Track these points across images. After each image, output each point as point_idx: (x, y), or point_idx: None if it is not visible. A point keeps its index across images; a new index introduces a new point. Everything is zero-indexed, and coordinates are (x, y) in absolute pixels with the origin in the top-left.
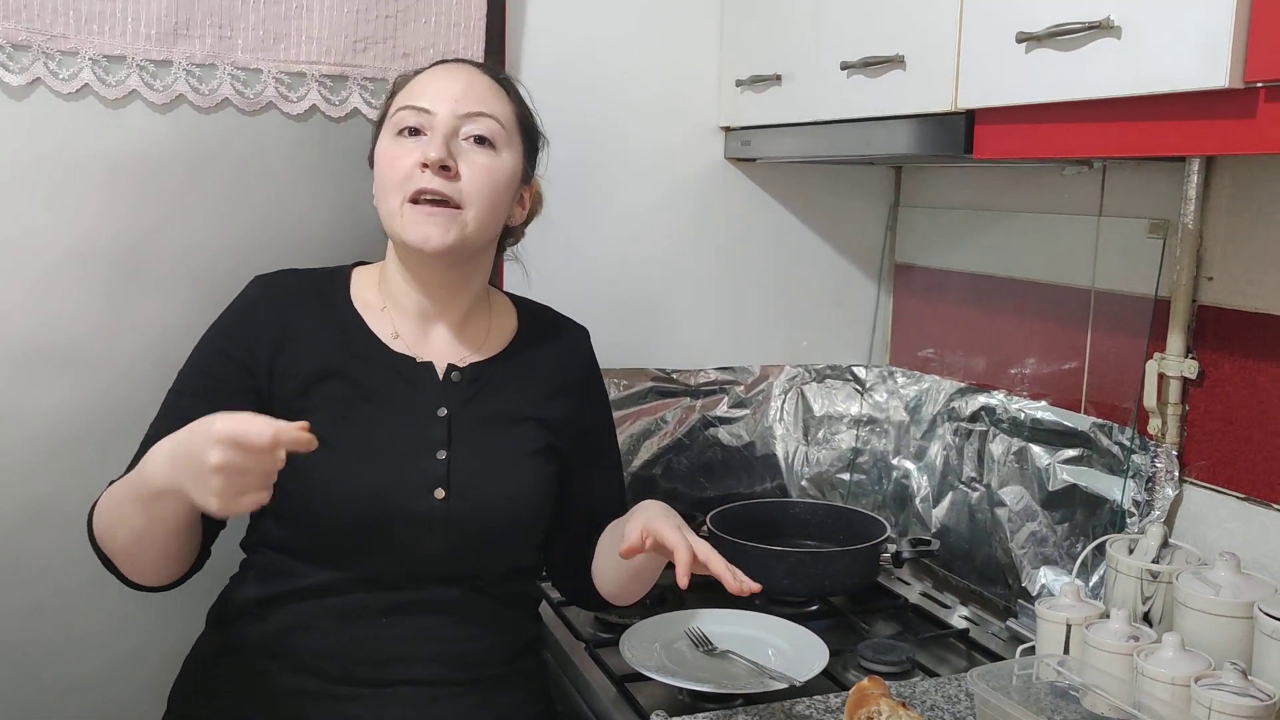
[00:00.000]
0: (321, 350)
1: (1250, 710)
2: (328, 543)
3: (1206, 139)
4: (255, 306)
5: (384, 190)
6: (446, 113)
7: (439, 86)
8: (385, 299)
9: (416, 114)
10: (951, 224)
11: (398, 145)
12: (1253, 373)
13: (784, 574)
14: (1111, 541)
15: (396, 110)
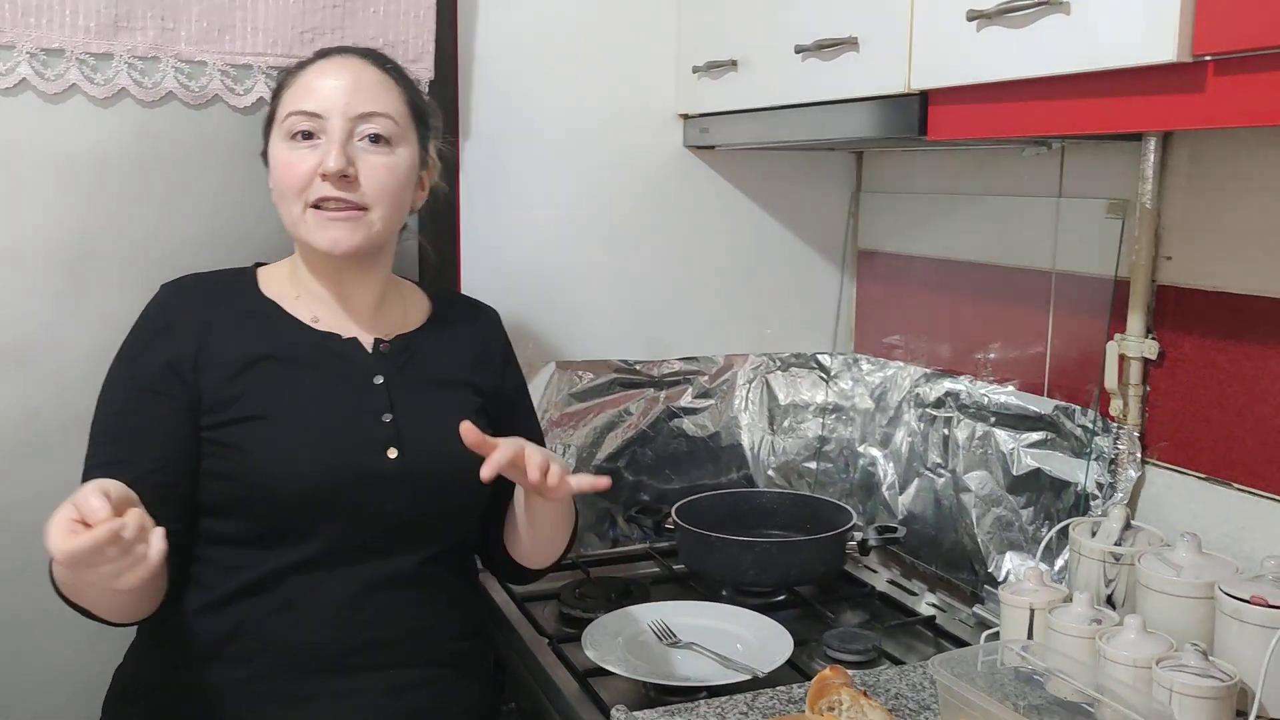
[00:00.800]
0: (244, 338)
1: (1211, 691)
2: (287, 522)
3: (1158, 114)
4: (169, 308)
5: (283, 196)
6: (339, 117)
7: (327, 86)
8: (298, 290)
9: (308, 119)
10: (914, 209)
11: (292, 151)
12: (1212, 352)
13: (750, 564)
14: (1075, 525)
15: (287, 115)
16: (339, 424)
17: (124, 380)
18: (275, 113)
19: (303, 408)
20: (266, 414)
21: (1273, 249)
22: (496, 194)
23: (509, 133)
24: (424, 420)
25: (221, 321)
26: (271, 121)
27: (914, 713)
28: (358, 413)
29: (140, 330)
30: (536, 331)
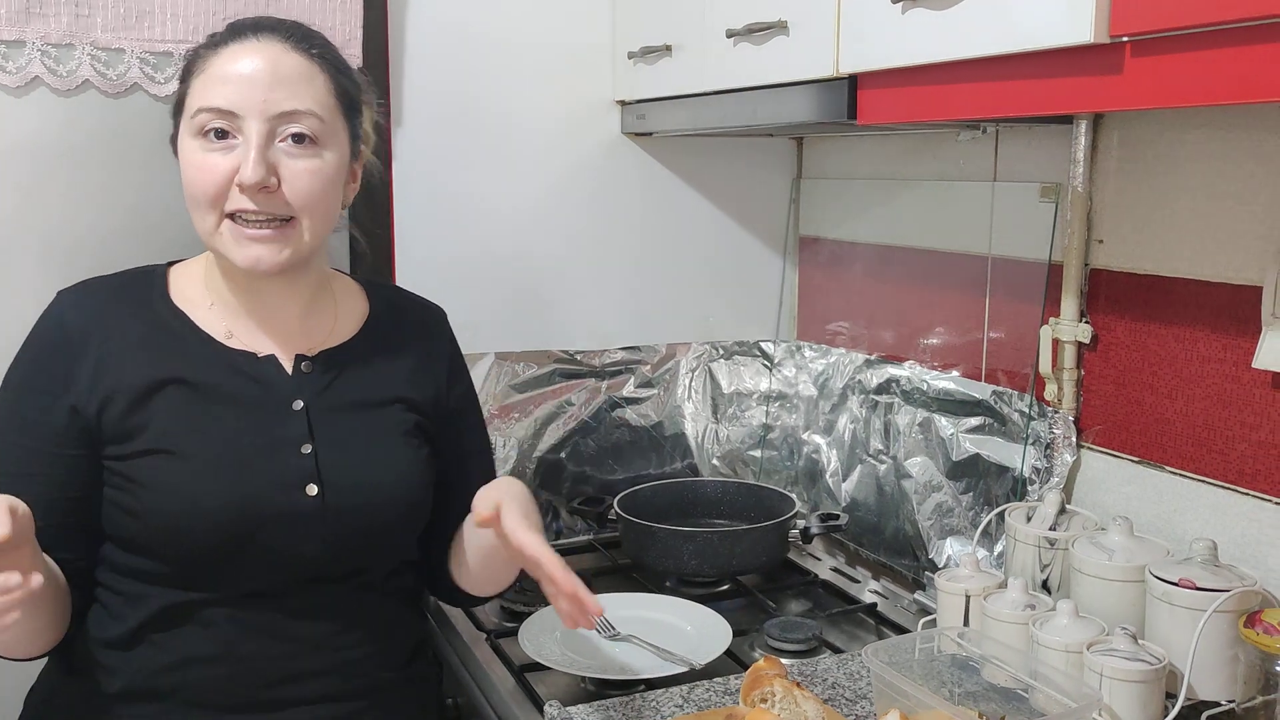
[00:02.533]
0: (148, 359)
1: (1140, 674)
2: (194, 562)
3: (1080, 96)
4: (65, 326)
5: (196, 204)
6: (257, 118)
7: (243, 78)
8: (211, 295)
9: (220, 117)
10: (854, 195)
11: (204, 153)
12: (1143, 335)
13: (692, 554)
14: (1011, 510)
15: (197, 111)
16: (251, 458)
17: (14, 406)
18: (184, 100)
19: (211, 440)
20: (172, 447)
21: (1200, 232)
22: (431, 182)
23: (443, 120)
24: (348, 450)
25: (123, 340)
26: (180, 109)
27: (850, 702)
28: (273, 444)
29: (33, 349)
30: (474, 322)
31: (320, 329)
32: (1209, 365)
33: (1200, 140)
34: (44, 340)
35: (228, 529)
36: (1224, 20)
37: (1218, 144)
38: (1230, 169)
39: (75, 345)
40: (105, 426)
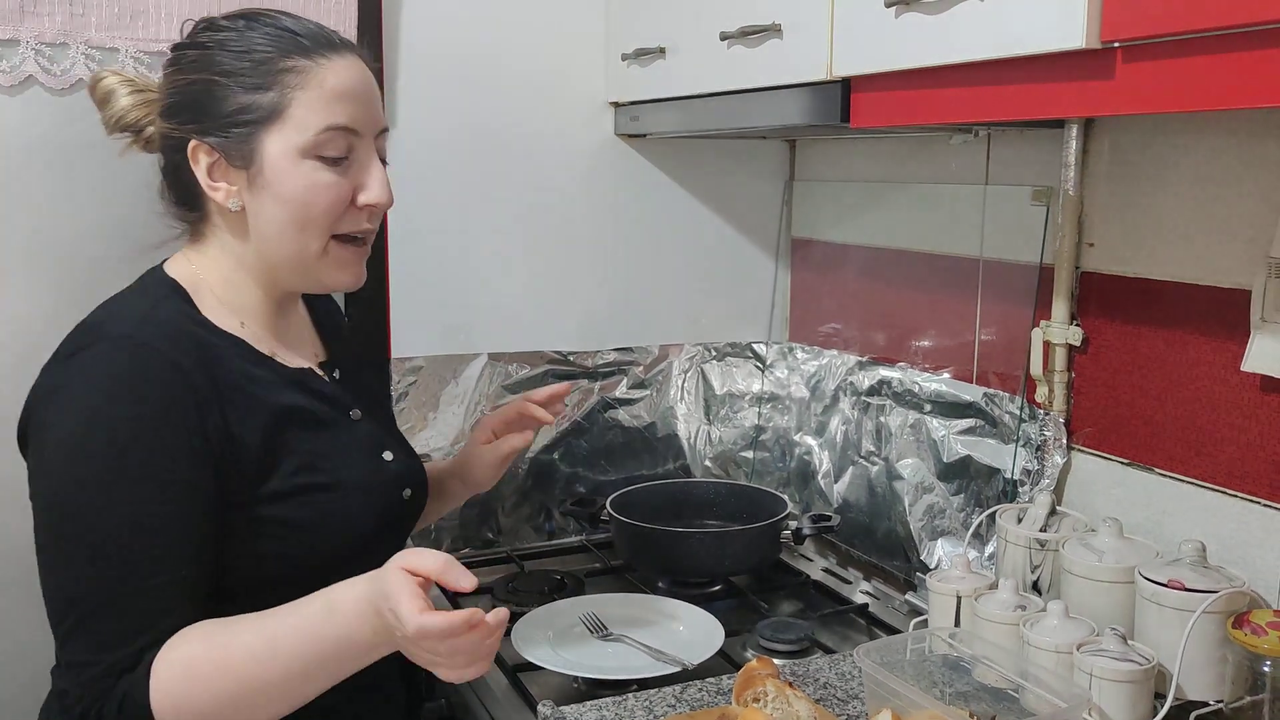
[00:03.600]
0: (256, 391)
1: (1129, 674)
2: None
3: (1071, 101)
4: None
5: (305, 226)
6: (370, 134)
7: (359, 94)
8: (239, 314)
9: (346, 136)
10: (846, 197)
11: (322, 173)
12: (1134, 338)
13: (684, 555)
14: (1002, 511)
15: (322, 129)
16: (368, 475)
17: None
18: (282, 112)
19: (340, 465)
20: (320, 480)
21: (1189, 236)
22: (425, 183)
23: (437, 120)
24: (402, 447)
25: (227, 375)
26: (265, 119)
27: (841, 702)
28: (365, 456)
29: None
30: (467, 323)
31: (305, 332)
32: (1198, 368)
33: (1190, 145)
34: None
35: (368, 550)
36: (1214, 27)
37: (1207, 149)
38: (1219, 174)
39: (196, 383)
40: (245, 470)
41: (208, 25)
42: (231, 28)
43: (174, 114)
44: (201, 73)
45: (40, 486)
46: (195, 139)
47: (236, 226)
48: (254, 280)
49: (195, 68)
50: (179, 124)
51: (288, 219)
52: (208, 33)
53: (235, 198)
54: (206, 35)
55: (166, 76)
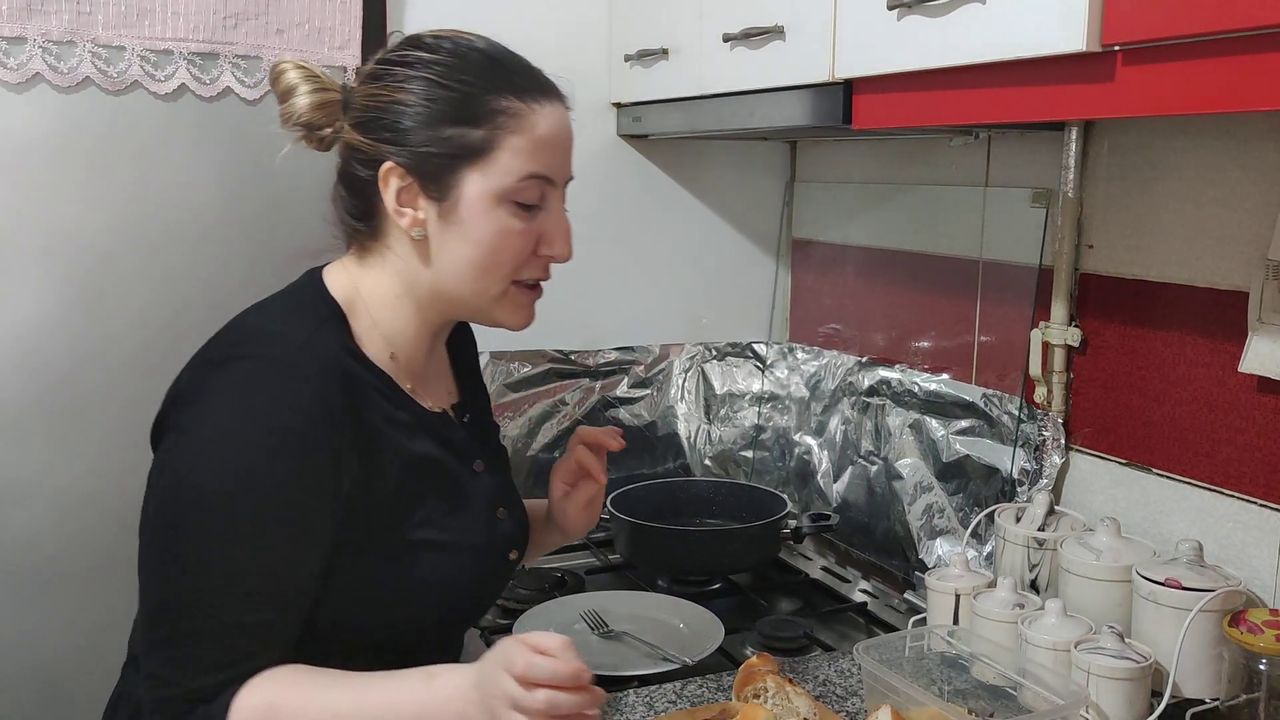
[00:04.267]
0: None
1: (1126, 672)
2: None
3: (1072, 103)
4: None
5: (489, 271)
6: (562, 184)
7: (561, 145)
8: (390, 346)
9: (543, 186)
10: (847, 198)
11: (514, 220)
12: (1132, 339)
13: (684, 553)
14: (1000, 511)
15: (526, 176)
16: (484, 532)
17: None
18: (489, 153)
19: (454, 525)
20: (437, 535)
21: (1187, 238)
22: None
23: None
24: (516, 498)
25: (370, 418)
26: (469, 155)
27: (840, 699)
28: (483, 512)
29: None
30: None
31: (449, 373)
32: (1196, 369)
33: (1188, 148)
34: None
35: (463, 612)
36: (1213, 31)
37: (1205, 151)
38: (1218, 176)
39: (341, 425)
40: (368, 522)
41: (417, 44)
42: (446, 51)
43: (371, 129)
44: (410, 94)
45: (165, 488)
46: (391, 160)
47: (414, 252)
48: (416, 308)
49: (403, 88)
50: (375, 141)
51: (472, 260)
52: (418, 52)
53: (420, 227)
54: (417, 55)
55: (368, 88)
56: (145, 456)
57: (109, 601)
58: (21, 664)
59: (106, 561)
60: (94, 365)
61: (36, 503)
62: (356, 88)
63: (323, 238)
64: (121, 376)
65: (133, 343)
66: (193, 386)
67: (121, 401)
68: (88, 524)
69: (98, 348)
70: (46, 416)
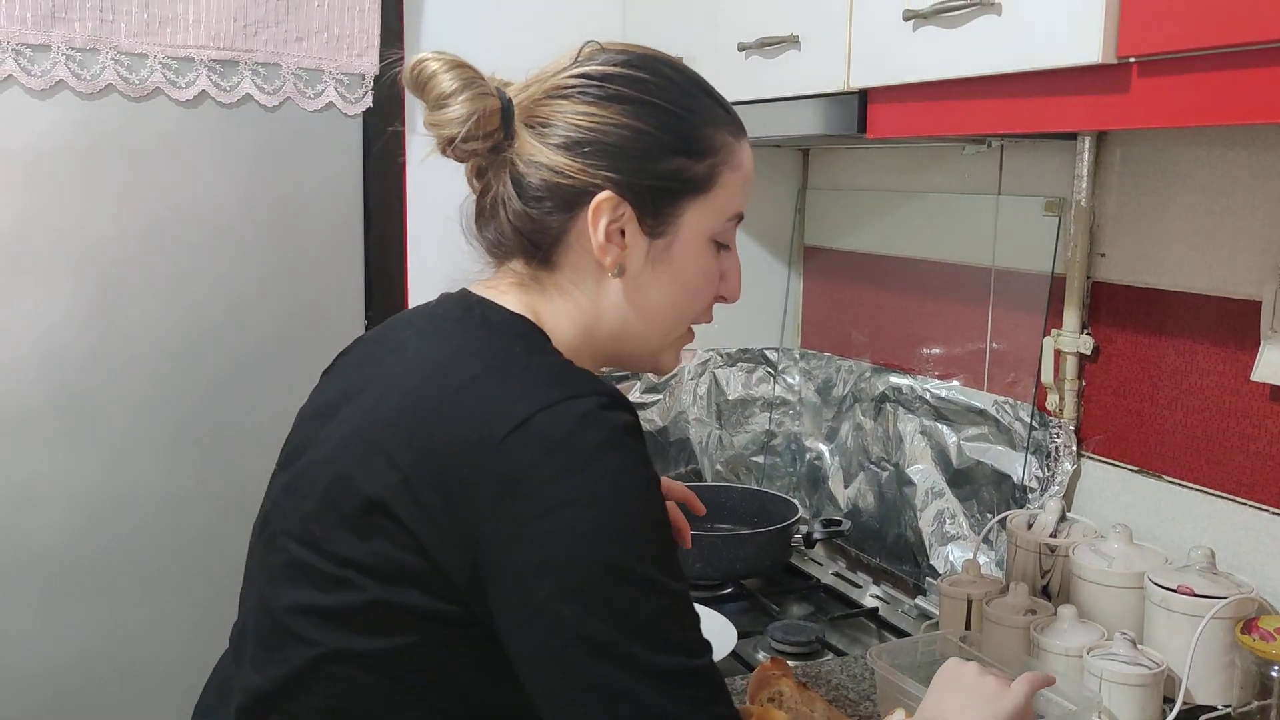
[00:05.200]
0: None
1: (1139, 678)
2: None
3: (1086, 114)
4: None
5: (684, 312)
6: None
7: (752, 182)
8: None
9: (737, 225)
10: (859, 206)
11: (714, 260)
12: (1143, 348)
13: (696, 558)
14: (1011, 517)
15: (735, 215)
16: None
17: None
18: (706, 183)
19: None
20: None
21: (1199, 246)
22: (443, 193)
23: None
24: None
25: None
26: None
27: (854, 703)
28: None
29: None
30: None
31: None
32: (1208, 377)
33: (1201, 158)
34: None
35: None
36: (1228, 44)
37: (1218, 161)
38: (1230, 185)
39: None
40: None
41: (624, 61)
42: (664, 76)
43: (582, 152)
44: (631, 117)
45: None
46: (611, 190)
47: (602, 291)
48: (590, 348)
49: (623, 109)
50: (590, 166)
51: (674, 302)
52: (628, 70)
53: (622, 264)
54: (628, 73)
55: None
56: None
57: (123, 604)
58: (35, 667)
59: (122, 563)
60: (111, 369)
61: (51, 505)
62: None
63: (338, 242)
64: (138, 380)
65: (150, 347)
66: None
67: (138, 405)
68: (103, 526)
69: (115, 351)
70: (64, 419)
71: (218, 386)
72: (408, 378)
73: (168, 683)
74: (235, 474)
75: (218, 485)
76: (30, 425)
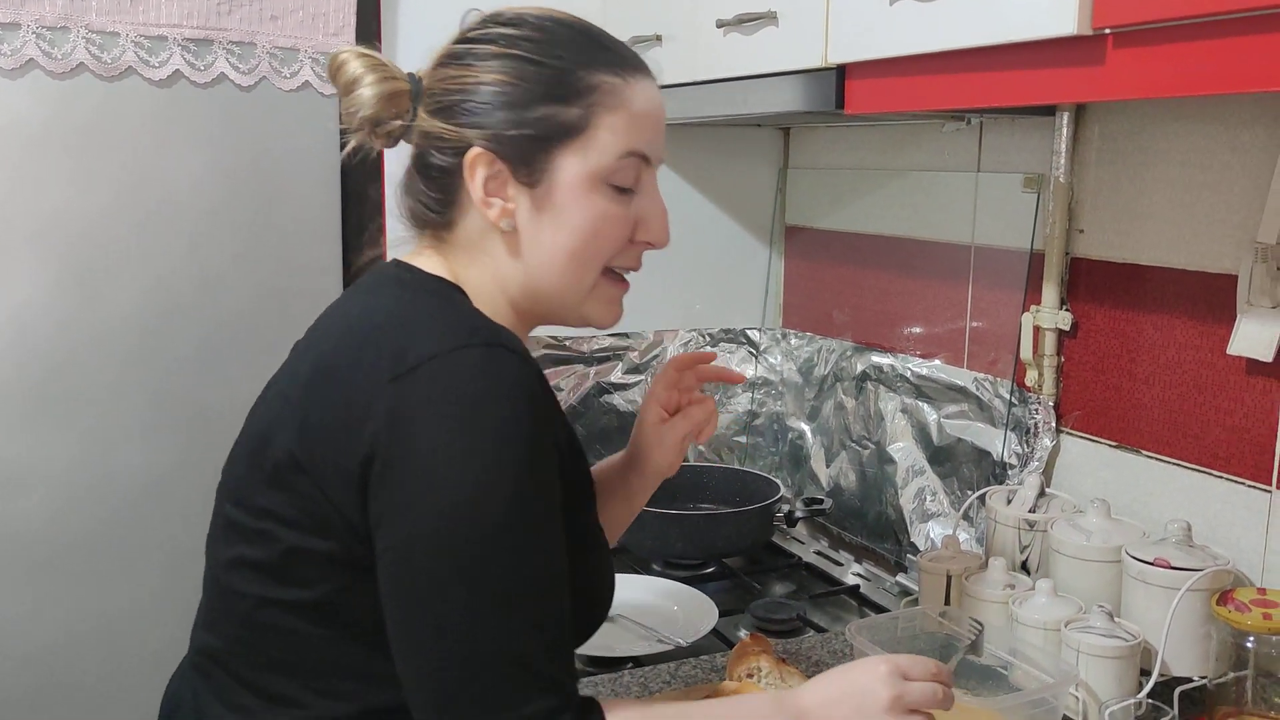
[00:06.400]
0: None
1: (1115, 650)
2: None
3: (1063, 86)
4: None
5: (586, 260)
6: (657, 165)
7: (659, 121)
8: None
9: (638, 165)
10: (839, 185)
11: (611, 204)
12: (1122, 323)
13: (678, 537)
14: (991, 493)
15: (625, 154)
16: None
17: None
18: (578, 128)
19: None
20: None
21: (1177, 221)
22: None
23: None
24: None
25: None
26: (562, 135)
27: None
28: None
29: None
30: None
31: None
32: (1185, 352)
33: (1178, 133)
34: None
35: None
36: (1204, 13)
37: (1195, 136)
38: (1207, 161)
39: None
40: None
41: (499, 20)
42: (532, 26)
43: (453, 114)
44: (496, 73)
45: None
46: (479, 146)
47: (503, 246)
48: (511, 308)
49: (488, 66)
50: (458, 126)
51: (568, 249)
52: (501, 28)
53: (509, 218)
54: (500, 31)
55: (446, 71)
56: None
57: (104, 587)
58: (16, 651)
59: (101, 546)
60: (87, 350)
61: (29, 488)
62: (431, 72)
63: (315, 222)
64: (115, 362)
65: (125, 328)
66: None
67: (114, 386)
68: (81, 509)
69: (90, 333)
70: (39, 402)
71: (195, 366)
72: (326, 338)
73: (149, 663)
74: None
75: (196, 464)
76: (3, 408)
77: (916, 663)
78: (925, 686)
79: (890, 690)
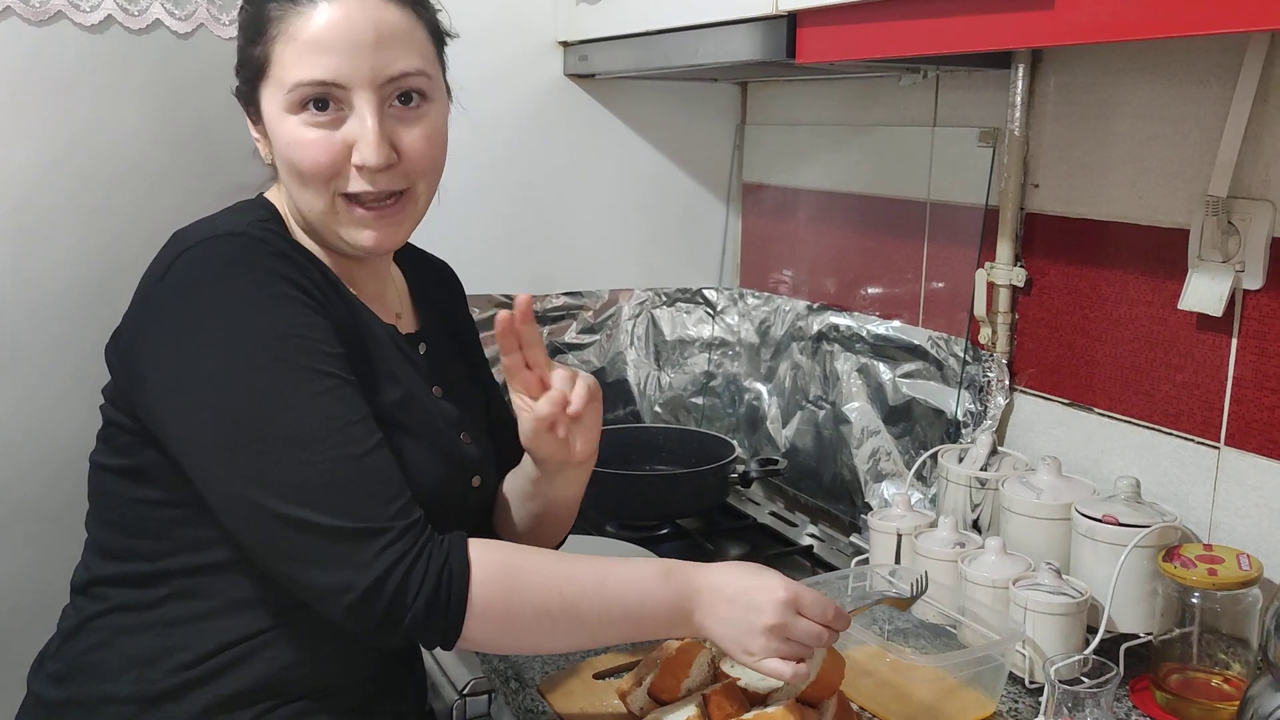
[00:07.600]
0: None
1: (1063, 608)
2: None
3: (1013, 32)
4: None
5: (303, 184)
6: (366, 87)
7: (346, 43)
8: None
9: (322, 89)
10: (797, 141)
11: (307, 128)
12: (1075, 279)
13: (633, 498)
14: (944, 452)
15: (293, 86)
16: (444, 445)
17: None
18: (263, 66)
19: (417, 420)
20: (402, 421)
21: (1132, 176)
22: None
23: None
24: (484, 433)
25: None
26: (259, 73)
27: None
28: (446, 428)
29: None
30: None
31: (395, 301)
32: (1138, 308)
33: (1133, 86)
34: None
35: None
36: None
37: (1150, 90)
38: (1162, 114)
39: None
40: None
41: None
42: None
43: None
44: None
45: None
46: (235, 94)
47: (277, 176)
48: (302, 228)
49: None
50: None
51: (287, 175)
52: None
53: (267, 152)
54: None
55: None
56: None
57: (46, 540)
58: None
59: (43, 499)
60: (21, 304)
61: None
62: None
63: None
64: (50, 314)
65: (60, 280)
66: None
67: (51, 339)
68: (20, 462)
69: (25, 285)
70: None
71: None
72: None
73: None
74: None
75: None
76: None
77: (817, 602)
78: (811, 626)
79: (777, 617)
